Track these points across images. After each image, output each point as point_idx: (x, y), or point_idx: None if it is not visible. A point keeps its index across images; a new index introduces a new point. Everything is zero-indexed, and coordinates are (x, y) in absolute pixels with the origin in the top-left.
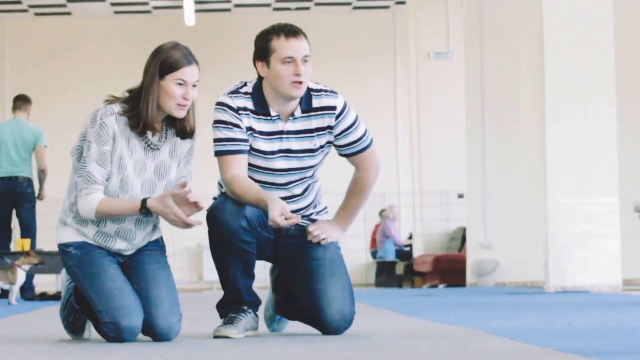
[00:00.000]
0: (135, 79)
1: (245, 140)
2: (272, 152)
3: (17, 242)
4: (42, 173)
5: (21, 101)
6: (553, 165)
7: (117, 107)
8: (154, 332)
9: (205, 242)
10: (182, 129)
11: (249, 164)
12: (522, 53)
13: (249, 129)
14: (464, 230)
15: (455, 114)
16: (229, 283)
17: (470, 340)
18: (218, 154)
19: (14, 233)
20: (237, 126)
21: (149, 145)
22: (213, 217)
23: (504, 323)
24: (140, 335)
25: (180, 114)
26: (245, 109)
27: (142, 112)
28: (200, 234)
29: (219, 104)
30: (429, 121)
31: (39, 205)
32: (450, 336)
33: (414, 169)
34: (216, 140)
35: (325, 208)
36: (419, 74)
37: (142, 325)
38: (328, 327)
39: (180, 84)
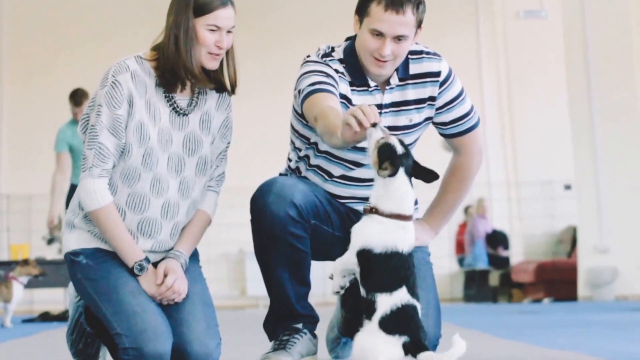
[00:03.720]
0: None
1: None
2: None
3: (12, 248)
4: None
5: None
6: None
7: (133, 63)
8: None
9: (249, 247)
10: (219, 82)
11: (327, 154)
12: (633, 8)
13: (344, 97)
14: (574, 230)
15: (555, 85)
16: (275, 288)
17: None
18: (305, 97)
19: (8, 236)
20: (333, 79)
21: (175, 110)
22: (254, 202)
23: (628, 347)
24: None
25: (212, 64)
26: (343, 74)
27: (172, 57)
28: (242, 236)
29: (306, 70)
30: (522, 94)
31: (34, 204)
32: None
33: (507, 153)
34: (300, 92)
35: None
36: (507, 38)
37: (171, 352)
38: None
39: (212, 30)
